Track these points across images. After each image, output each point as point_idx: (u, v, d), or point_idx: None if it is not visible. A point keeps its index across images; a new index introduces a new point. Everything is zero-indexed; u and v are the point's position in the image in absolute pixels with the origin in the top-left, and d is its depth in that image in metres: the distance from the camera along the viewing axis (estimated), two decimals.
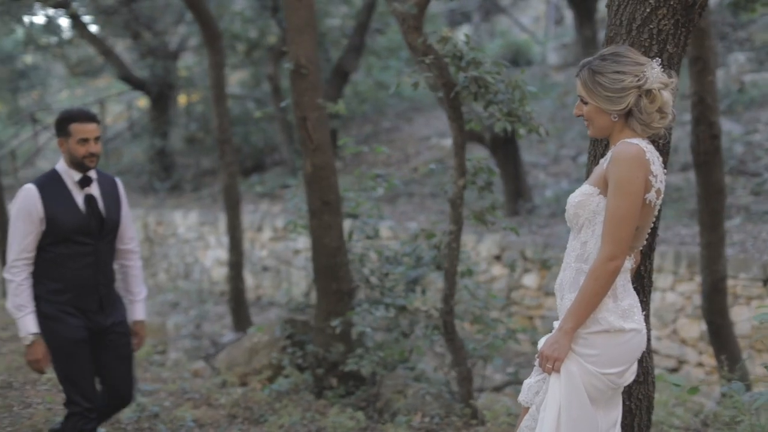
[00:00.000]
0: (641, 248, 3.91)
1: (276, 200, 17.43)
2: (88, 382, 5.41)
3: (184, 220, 17.40)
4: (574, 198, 3.72)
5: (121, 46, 24.00)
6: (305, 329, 8.20)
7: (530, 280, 11.94)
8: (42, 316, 5.36)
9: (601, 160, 3.72)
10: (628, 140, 3.61)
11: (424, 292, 7.93)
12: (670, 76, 3.67)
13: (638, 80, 3.58)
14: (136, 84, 20.73)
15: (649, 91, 3.59)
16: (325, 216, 7.57)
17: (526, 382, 3.84)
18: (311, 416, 6.95)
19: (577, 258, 3.72)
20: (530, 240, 12.28)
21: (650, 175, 3.57)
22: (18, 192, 5.39)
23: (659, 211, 3.99)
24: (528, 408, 3.84)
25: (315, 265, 7.73)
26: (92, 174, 5.48)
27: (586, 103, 3.71)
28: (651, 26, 3.87)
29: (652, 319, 10.25)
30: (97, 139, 5.40)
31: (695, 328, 10.05)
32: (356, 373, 7.50)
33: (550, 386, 3.63)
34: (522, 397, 3.84)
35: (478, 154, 16.14)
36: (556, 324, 3.73)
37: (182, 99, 23.29)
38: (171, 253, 17.57)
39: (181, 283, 17.09)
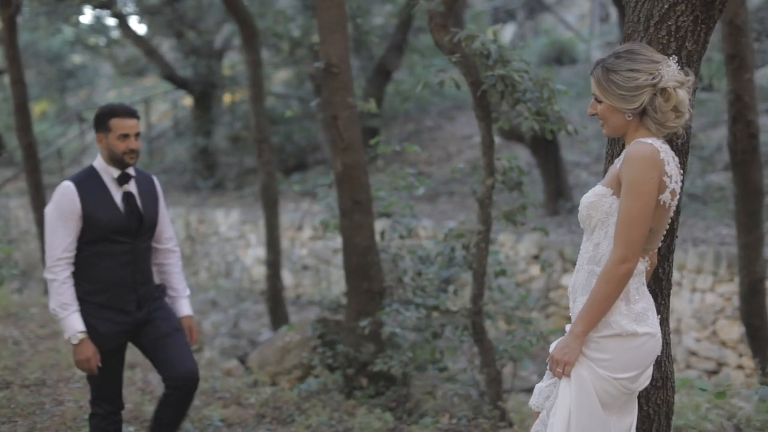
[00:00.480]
0: (657, 250, 3.82)
1: (317, 199, 17.41)
2: (112, 388, 5.35)
3: (225, 219, 17.45)
4: (586, 199, 3.64)
5: (167, 46, 24.17)
6: (337, 329, 8.17)
7: (568, 280, 11.80)
8: None
9: (616, 160, 3.63)
10: (642, 140, 3.52)
11: (456, 292, 7.88)
12: (687, 74, 3.57)
13: (653, 78, 3.49)
14: (180, 83, 20.84)
15: (663, 90, 3.50)
16: (355, 215, 7.54)
17: (538, 386, 3.77)
18: (339, 416, 6.92)
19: (589, 260, 3.64)
20: (569, 240, 12.16)
21: (664, 175, 3.47)
22: (55, 190, 5.28)
23: (678, 212, 3.90)
24: (539, 413, 3.77)
25: (346, 265, 7.70)
26: (131, 171, 5.35)
27: (600, 102, 3.63)
28: (669, 23, 3.76)
29: (691, 321, 10.11)
30: (137, 135, 5.28)
31: (735, 330, 9.88)
32: (387, 373, 7.45)
33: (560, 391, 3.56)
34: (533, 402, 3.76)
35: (518, 153, 16.18)
36: (568, 327, 3.65)
37: (228, 97, 23.37)
38: (212, 252, 17.63)
39: (222, 281, 17.14)
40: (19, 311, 11.40)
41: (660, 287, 3.94)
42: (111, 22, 21.97)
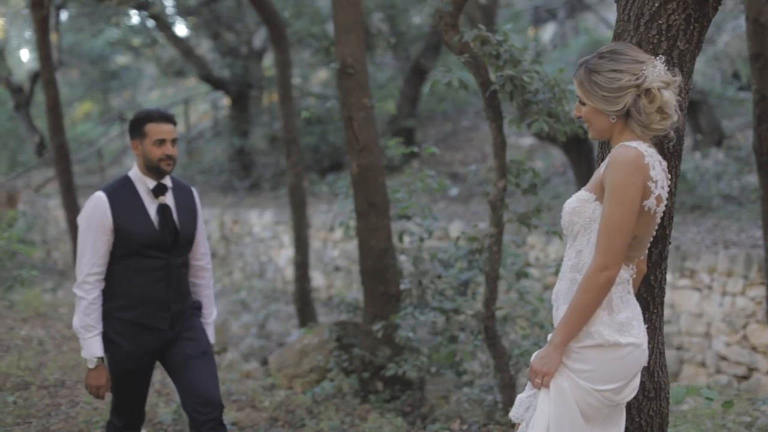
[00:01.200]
0: (648, 257, 3.71)
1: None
2: (132, 407, 5.18)
3: (259, 219, 17.44)
4: (569, 204, 3.53)
5: (207, 46, 24.25)
6: (355, 332, 8.10)
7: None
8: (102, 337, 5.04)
9: (602, 164, 3.52)
10: (627, 143, 3.40)
11: (474, 295, 7.77)
12: (674, 75, 3.45)
13: (636, 79, 3.38)
14: (216, 84, 20.88)
15: (648, 91, 3.38)
16: (371, 217, 7.47)
17: (519, 397, 3.65)
18: (351, 421, 6.85)
19: (572, 268, 3.52)
20: None
21: (649, 180, 3.35)
22: (87, 200, 5.05)
23: (671, 217, 3.77)
24: (519, 424, 3.66)
25: (362, 267, 7.63)
26: (167, 182, 5.09)
27: (584, 104, 3.52)
28: (660, 21, 3.63)
29: (721, 325, 9.90)
30: (174, 141, 5.03)
31: (766, 335, 9.67)
32: (402, 377, 7.37)
33: (539, 402, 3.45)
34: (513, 413, 3.65)
35: (553, 154, 15.99)
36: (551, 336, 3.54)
37: (266, 98, 23.37)
38: (246, 252, 17.62)
39: (256, 282, 17.13)
40: (48, 311, 11.47)
41: (652, 295, 3.81)
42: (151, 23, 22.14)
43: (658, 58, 3.45)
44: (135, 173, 5.06)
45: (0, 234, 9.53)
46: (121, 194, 4.99)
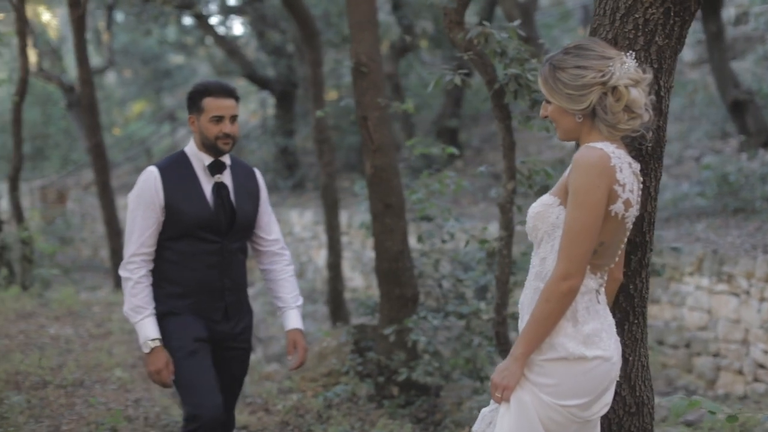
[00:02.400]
0: (627, 265, 3.52)
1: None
2: (212, 386, 4.57)
3: (299, 219, 17.40)
4: (533, 209, 3.35)
5: (254, 45, 24.26)
6: (374, 335, 7.96)
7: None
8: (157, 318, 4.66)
9: (569, 167, 3.33)
10: (592, 144, 3.21)
11: (493, 299, 7.60)
12: (644, 72, 3.25)
13: (602, 76, 3.18)
14: (261, 83, 20.86)
15: (614, 89, 3.19)
16: (387, 219, 7.31)
17: (483, 411, 3.48)
18: (361, 426, 6.72)
19: (536, 276, 3.34)
20: None
21: (615, 184, 3.16)
22: (139, 175, 4.72)
23: (651, 223, 3.58)
24: None
25: (377, 270, 7.48)
26: (226, 159, 4.71)
27: (550, 103, 3.34)
28: (636, 15, 3.44)
29: (759, 332, 9.60)
30: (233, 118, 4.64)
31: None
32: (417, 382, 7.23)
33: (498, 417, 3.27)
34: (475, 428, 3.47)
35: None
36: None
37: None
38: None
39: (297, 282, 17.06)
40: (81, 310, 11.49)
41: (632, 305, 3.62)
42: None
43: (627, 54, 3.25)
44: (191, 149, 4.70)
45: (24, 233, 9.51)
46: (175, 170, 4.65)
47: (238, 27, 26.38)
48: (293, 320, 4.90)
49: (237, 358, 4.84)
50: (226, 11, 21.27)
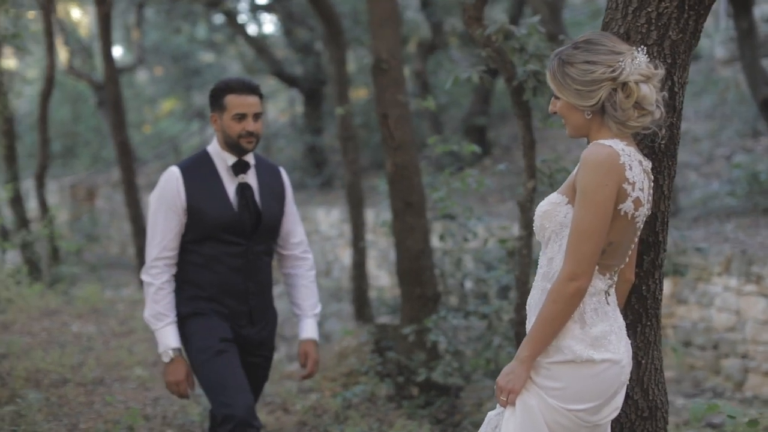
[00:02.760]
0: (639, 265, 3.42)
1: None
2: (242, 385, 4.44)
3: (326, 217, 17.33)
4: (540, 207, 3.26)
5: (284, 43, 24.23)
6: (394, 335, 7.88)
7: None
8: (180, 319, 4.57)
9: (578, 165, 3.24)
10: (601, 141, 3.12)
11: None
12: (655, 68, 3.16)
13: (612, 71, 3.09)
14: (288, 80, 20.82)
15: (624, 84, 3.10)
16: (407, 217, 7.24)
17: (488, 415, 3.39)
18: (378, 427, 6.64)
19: (543, 276, 3.25)
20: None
21: (625, 182, 3.07)
22: (161, 176, 4.63)
23: (665, 222, 3.47)
24: None
25: (398, 269, 7.41)
26: (250, 159, 4.61)
27: (558, 99, 3.25)
28: (649, 9, 3.32)
29: None
30: (257, 116, 4.52)
31: None
32: (438, 383, 7.14)
33: (503, 422, 3.18)
34: (481, 431, 3.40)
35: None
36: None
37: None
38: (313, 250, 17.43)
39: (322, 280, 17.01)
40: (105, 307, 11.50)
41: (644, 306, 3.51)
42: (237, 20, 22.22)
43: (639, 49, 3.16)
44: (214, 148, 4.59)
45: (45, 230, 9.52)
46: (197, 170, 4.55)
47: (267, 25, 26.36)
48: (308, 330, 4.86)
49: (260, 366, 4.75)
50: (255, 9, 21.23)
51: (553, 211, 3.21)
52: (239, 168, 4.56)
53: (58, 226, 19.35)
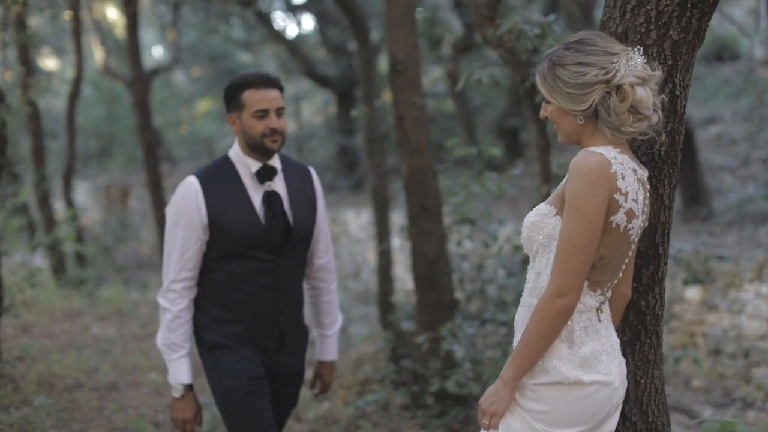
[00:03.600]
0: (639, 280, 3.21)
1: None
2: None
3: (356, 219, 17.18)
4: (528, 219, 3.07)
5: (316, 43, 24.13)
6: (411, 342, 7.70)
7: (693, 292, 10.92)
8: (205, 348, 4.17)
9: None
10: (592, 149, 2.92)
11: None
12: (653, 69, 2.95)
13: (605, 73, 2.89)
14: (322, 81, 20.69)
15: (619, 87, 2.89)
16: (423, 222, 7.05)
17: None
18: None
19: (530, 292, 3.05)
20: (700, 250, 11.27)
21: (616, 192, 2.87)
22: (177, 187, 4.17)
23: (666, 234, 3.26)
24: None
25: (414, 275, 7.22)
26: (276, 163, 4.16)
27: (550, 103, 3.05)
28: (648, 7, 3.10)
29: None
30: (280, 111, 4.07)
31: None
32: (454, 392, 6.95)
33: None
34: None
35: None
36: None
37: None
38: (342, 253, 17.37)
39: (351, 283, 16.87)
40: (128, 309, 11.44)
41: (644, 323, 3.28)
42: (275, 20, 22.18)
43: (635, 49, 2.96)
44: (235, 153, 4.14)
45: (59, 233, 9.45)
46: (218, 179, 4.09)
47: (301, 25, 26.32)
48: (328, 351, 4.51)
49: (290, 396, 4.38)
50: (290, 9, 21.13)
51: (540, 223, 3.01)
52: (264, 174, 4.11)
53: (91, 226, 19.43)
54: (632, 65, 2.90)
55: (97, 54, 25.21)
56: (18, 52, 12.68)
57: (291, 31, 22.60)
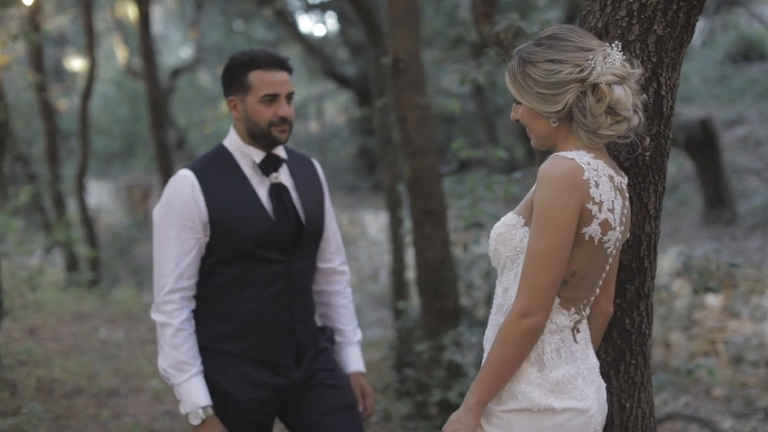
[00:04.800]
0: (623, 295, 2.96)
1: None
2: None
3: (374, 221, 16.98)
4: (495, 230, 2.80)
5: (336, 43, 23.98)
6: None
7: (714, 299, 10.64)
8: None
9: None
10: (562, 154, 2.68)
11: None
12: (632, 66, 2.69)
13: (580, 71, 2.63)
14: (342, 81, 20.51)
15: (594, 86, 2.64)
16: (426, 227, 6.82)
17: None
18: None
19: (497, 309, 2.79)
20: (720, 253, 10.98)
21: (589, 202, 2.61)
22: (168, 183, 3.62)
23: (652, 247, 3.01)
24: None
25: (418, 281, 7.00)
26: (281, 153, 3.66)
27: (520, 104, 2.80)
28: (630, 0, 2.85)
29: None
30: (290, 96, 3.56)
31: None
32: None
33: None
34: None
35: (671, 155, 15.01)
36: None
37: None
38: (361, 255, 17.19)
39: (369, 286, 16.68)
40: (138, 311, 11.32)
41: (628, 342, 3.02)
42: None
43: (613, 45, 2.70)
44: (233, 142, 3.61)
45: (60, 234, 9.32)
46: (216, 171, 3.56)
47: (320, 25, 26.17)
48: (356, 361, 3.90)
49: (326, 386, 3.69)
50: (309, 8, 21.00)
51: (507, 234, 2.76)
52: (270, 165, 3.60)
53: (112, 227, 19.35)
54: (609, 62, 2.65)
55: (119, 53, 25.22)
56: (31, 53, 12.61)
57: (312, 31, 22.39)
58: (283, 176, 3.65)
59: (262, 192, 3.58)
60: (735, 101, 16.57)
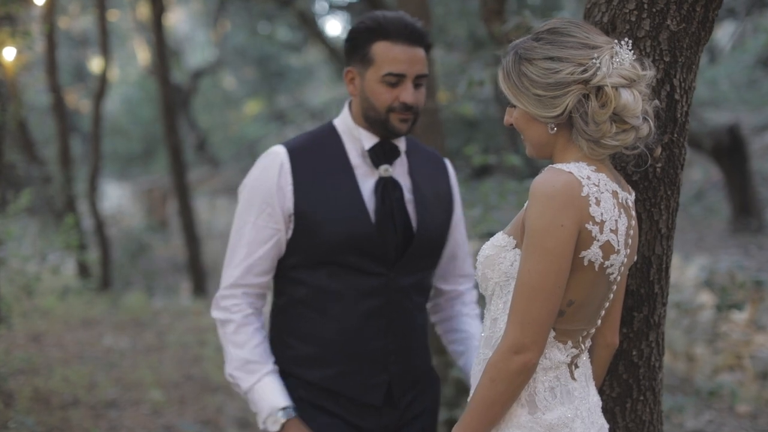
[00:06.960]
0: (629, 325, 2.63)
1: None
2: None
3: None
4: (482, 252, 2.44)
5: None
6: None
7: (740, 311, 10.28)
8: None
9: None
10: (558, 166, 2.30)
11: None
12: (642, 68, 2.32)
13: (583, 71, 2.27)
14: None
15: (599, 89, 2.27)
16: None
17: None
18: None
19: (485, 342, 2.44)
20: (747, 264, 10.61)
21: (589, 222, 2.25)
22: (259, 159, 3.09)
23: (664, 269, 2.65)
24: None
25: None
26: (400, 143, 3.10)
27: (515, 107, 2.44)
28: None
29: None
30: (420, 79, 2.99)
31: None
32: None
33: None
34: None
35: (697, 160, 14.61)
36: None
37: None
38: None
39: None
40: (147, 318, 11.08)
41: (636, 377, 2.68)
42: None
43: (622, 42, 2.33)
44: (344, 122, 3.08)
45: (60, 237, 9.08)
46: (315, 153, 3.02)
47: (336, 23, 26.02)
48: None
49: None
50: (331, 8, 20.76)
51: (496, 257, 2.40)
52: (382, 154, 3.03)
53: (131, 230, 19.16)
54: (617, 62, 2.29)
55: (140, 55, 25.06)
56: (46, 51, 12.42)
57: (335, 32, 22.18)
58: (399, 171, 3.09)
59: (367, 186, 3.01)
60: (765, 106, 16.21)
